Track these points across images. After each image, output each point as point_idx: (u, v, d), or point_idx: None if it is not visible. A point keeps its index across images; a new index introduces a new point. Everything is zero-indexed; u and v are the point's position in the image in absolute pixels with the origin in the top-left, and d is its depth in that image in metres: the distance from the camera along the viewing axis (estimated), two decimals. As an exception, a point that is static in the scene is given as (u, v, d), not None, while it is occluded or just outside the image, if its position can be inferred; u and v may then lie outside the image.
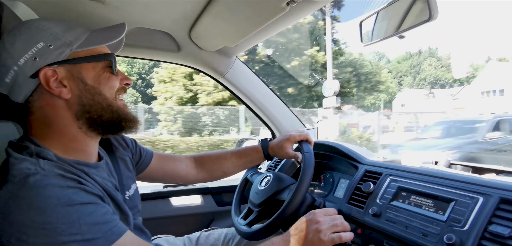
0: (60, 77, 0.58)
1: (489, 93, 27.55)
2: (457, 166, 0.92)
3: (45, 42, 0.57)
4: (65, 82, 0.59)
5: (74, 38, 0.60)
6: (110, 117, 0.64)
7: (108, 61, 0.64)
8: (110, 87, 0.64)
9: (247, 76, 1.41)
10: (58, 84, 0.58)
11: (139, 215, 0.82)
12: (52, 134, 0.60)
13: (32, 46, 0.57)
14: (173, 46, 1.22)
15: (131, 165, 0.84)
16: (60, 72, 0.58)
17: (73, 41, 0.60)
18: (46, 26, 0.59)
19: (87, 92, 0.61)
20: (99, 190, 0.58)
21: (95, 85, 0.62)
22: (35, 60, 0.57)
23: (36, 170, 0.51)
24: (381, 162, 0.97)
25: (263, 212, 0.92)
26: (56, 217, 0.48)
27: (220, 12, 0.92)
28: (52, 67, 0.58)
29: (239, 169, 1.06)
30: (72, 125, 0.61)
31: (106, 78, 0.63)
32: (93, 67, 0.62)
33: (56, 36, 0.58)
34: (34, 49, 0.57)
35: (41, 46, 0.57)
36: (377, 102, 36.16)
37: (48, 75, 0.57)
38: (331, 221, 0.73)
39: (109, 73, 0.64)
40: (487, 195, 0.63)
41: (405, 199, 0.77)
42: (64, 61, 0.59)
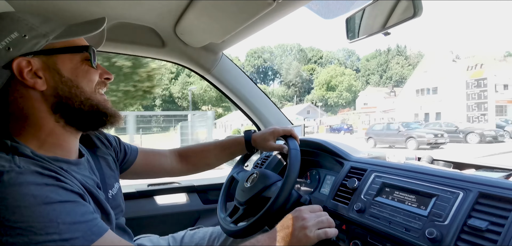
0: (35, 68, 0.56)
1: (423, 91, 27.89)
2: (439, 162, 0.94)
3: (20, 33, 0.55)
4: (40, 73, 0.57)
5: (51, 29, 0.58)
6: (89, 111, 0.62)
7: (86, 54, 0.62)
8: (89, 81, 0.62)
9: (233, 73, 1.40)
10: (33, 76, 0.56)
11: (122, 215, 0.80)
12: (28, 128, 0.58)
13: (6, 36, 0.55)
14: (157, 41, 1.19)
15: (113, 164, 0.82)
16: (35, 63, 0.56)
17: (49, 32, 0.58)
18: (21, 17, 0.57)
19: (64, 85, 0.59)
20: (79, 188, 0.56)
21: (72, 78, 0.60)
22: (8, 51, 0.54)
23: (10, 167, 0.49)
24: (366, 158, 0.98)
25: (249, 210, 0.91)
26: (32, 216, 0.46)
27: (206, 8, 0.90)
28: (26, 58, 0.56)
29: (222, 161, 1.07)
30: (48, 118, 0.59)
31: (84, 71, 0.62)
32: (70, 59, 0.60)
33: (31, 27, 0.56)
34: (8, 40, 0.55)
35: (15, 37, 0.55)
36: (340, 101, 36.39)
37: (22, 65, 0.55)
38: (316, 217, 0.73)
39: (88, 66, 0.62)
40: (467, 190, 0.65)
41: (388, 194, 0.78)
42: (39, 52, 0.57)
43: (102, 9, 0.95)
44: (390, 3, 0.71)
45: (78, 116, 0.61)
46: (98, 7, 0.93)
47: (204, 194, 1.48)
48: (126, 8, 0.96)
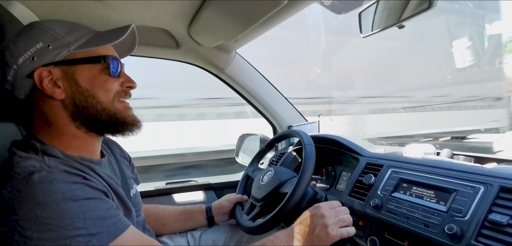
0: (55, 78, 0.59)
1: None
2: (459, 156, 0.92)
3: (45, 43, 0.58)
4: (60, 83, 0.59)
5: (74, 39, 0.60)
6: (106, 120, 0.63)
7: (105, 64, 0.63)
8: (106, 91, 0.63)
9: (247, 71, 1.41)
10: (52, 85, 0.59)
11: (141, 213, 0.83)
12: (53, 132, 0.61)
13: (32, 46, 0.57)
14: (172, 43, 1.22)
15: (130, 171, 0.85)
16: (55, 73, 0.59)
17: (72, 42, 0.60)
18: (49, 27, 0.59)
19: (80, 94, 0.61)
20: (103, 186, 0.59)
21: (88, 88, 0.61)
22: (32, 60, 0.57)
23: (41, 167, 0.52)
24: (382, 154, 0.96)
25: (266, 206, 0.92)
26: (61, 212, 0.49)
27: (218, 8, 0.91)
28: (47, 68, 0.58)
29: (181, 227, 1.03)
30: (70, 124, 0.62)
31: (102, 81, 0.63)
32: (89, 69, 0.62)
33: (56, 37, 0.59)
34: (33, 49, 0.57)
35: (40, 47, 0.58)
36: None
37: (42, 75, 0.58)
38: (337, 214, 0.72)
39: (106, 76, 0.63)
40: (488, 184, 0.63)
41: (406, 190, 0.77)
42: (60, 62, 0.59)
43: (119, 13, 0.98)
44: None
45: (96, 124, 0.63)
46: (115, 12, 0.96)
47: (220, 191, 1.50)
48: (141, 11, 0.98)
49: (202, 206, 1.05)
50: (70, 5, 0.90)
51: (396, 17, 0.75)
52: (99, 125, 0.63)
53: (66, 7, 0.91)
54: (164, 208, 1.02)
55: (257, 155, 1.18)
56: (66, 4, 0.90)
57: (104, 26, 1.03)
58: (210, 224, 1.05)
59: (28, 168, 0.51)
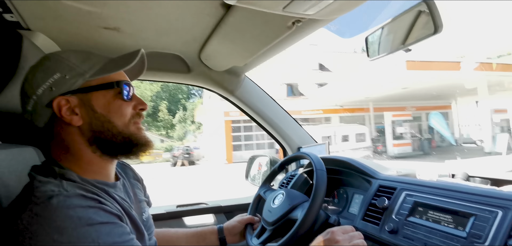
0: (72, 106, 0.61)
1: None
2: (475, 179, 0.89)
3: (61, 73, 0.61)
4: (77, 110, 0.62)
5: (89, 68, 0.63)
6: (121, 143, 0.65)
7: (118, 89, 0.66)
8: (121, 115, 0.65)
9: (256, 93, 1.43)
10: (71, 113, 0.61)
11: (153, 236, 0.83)
12: (70, 157, 0.63)
13: (50, 77, 0.60)
14: (183, 67, 1.26)
15: (143, 194, 0.86)
16: (73, 101, 0.62)
17: (86, 71, 0.63)
18: (65, 57, 0.62)
19: (97, 120, 0.63)
20: (117, 210, 0.60)
21: (104, 113, 0.64)
22: (51, 90, 0.60)
23: (59, 191, 0.53)
24: (395, 176, 0.94)
25: (277, 231, 0.90)
26: (77, 236, 0.50)
27: (228, 33, 0.95)
28: (65, 97, 0.61)
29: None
30: (86, 149, 0.64)
31: (117, 106, 0.65)
32: (104, 95, 0.64)
33: (72, 67, 0.62)
34: (51, 80, 0.60)
35: (57, 77, 0.61)
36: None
37: (61, 104, 0.61)
38: (350, 240, 0.70)
39: (120, 101, 0.66)
40: (506, 208, 0.60)
41: (422, 214, 0.74)
42: (77, 90, 0.62)
43: (134, 41, 1.02)
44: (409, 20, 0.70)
45: (111, 147, 0.65)
46: (131, 40, 1.01)
47: (231, 214, 1.49)
48: (155, 38, 1.03)
49: (214, 227, 1.05)
50: (88, 34, 0.95)
51: (401, 41, 0.75)
52: (114, 148, 0.65)
53: (85, 36, 0.96)
54: (176, 231, 1.02)
55: (269, 176, 1.17)
56: (86, 34, 0.95)
57: (120, 52, 1.07)
58: (222, 245, 1.03)
59: (47, 193, 0.53)
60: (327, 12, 0.73)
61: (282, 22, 0.79)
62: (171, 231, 1.01)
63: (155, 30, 0.97)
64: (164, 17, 0.88)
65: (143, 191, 0.87)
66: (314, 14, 0.73)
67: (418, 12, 0.66)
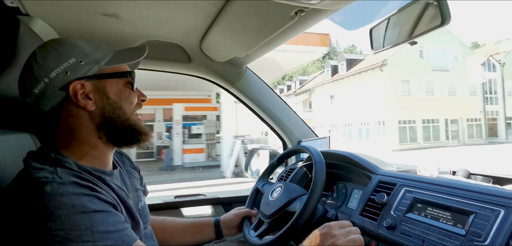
0: (87, 91, 0.63)
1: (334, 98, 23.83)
2: (476, 176, 0.88)
3: (77, 59, 0.62)
4: (91, 95, 0.63)
5: (102, 56, 0.65)
6: (127, 130, 0.68)
7: (129, 78, 0.69)
8: (130, 103, 0.69)
9: (257, 85, 1.42)
10: (85, 97, 0.63)
11: (149, 225, 0.83)
12: (74, 142, 0.63)
13: (65, 61, 0.61)
14: (184, 57, 1.24)
15: (139, 183, 0.87)
16: (88, 86, 0.63)
17: (101, 59, 0.65)
18: (78, 44, 0.64)
19: (109, 106, 0.65)
20: (113, 198, 0.60)
21: (117, 100, 0.66)
22: (66, 74, 0.61)
23: (53, 178, 0.53)
24: (395, 172, 0.94)
25: (274, 224, 0.90)
26: (70, 223, 0.50)
27: (230, 23, 0.93)
28: (81, 81, 0.62)
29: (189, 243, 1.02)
30: (93, 134, 0.65)
31: (127, 94, 0.69)
32: (116, 83, 0.67)
33: (86, 54, 0.63)
34: (66, 64, 0.61)
35: (72, 62, 0.62)
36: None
37: (76, 88, 0.62)
38: (347, 235, 0.70)
39: (130, 90, 0.69)
40: (508, 207, 0.59)
41: (421, 211, 0.74)
42: (92, 77, 0.64)
43: (133, 28, 1.01)
44: (416, 12, 0.68)
45: (118, 133, 0.67)
46: (130, 27, 0.99)
47: (229, 206, 1.49)
48: (155, 27, 1.01)
49: (211, 219, 1.05)
50: (88, 20, 0.94)
51: (408, 34, 0.74)
52: (120, 134, 0.67)
53: (84, 22, 0.95)
54: (173, 220, 1.03)
55: (267, 169, 1.17)
56: (85, 20, 0.93)
57: (119, 40, 1.07)
58: (218, 237, 1.04)
59: (41, 180, 0.53)
60: (331, 2, 0.71)
61: (285, 12, 0.78)
62: (168, 220, 1.01)
63: (155, 18, 0.95)
64: (165, 5, 0.86)
65: (139, 180, 0.87)
66: (317, 3, 0.71)
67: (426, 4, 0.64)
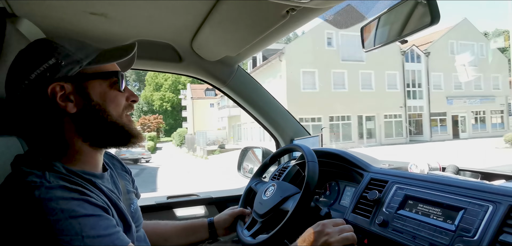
0: (67, 93, 0.60)
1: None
2: (465, 172, 0.90)
3: (57, 59, 0.59)
4: (72, 97, 0.61)
5: (84, 56, 0.62)
6: (114, 134, 0.65)
7: (115, 79, 0.66)
8: (116, 105, 0.65)
9: (249, 84, 1.41)
10: (65, 99, 0.60)
11: (141, 228, 0.82)
12: (59, 145, 0.61)
13: (44, 62, 0.59)
14: (174, 57, 1.23)
15: (131, 185, 0.85)
16: (68, 87, 0.60)
17: (83, 59, 0.62)
18: (59, 44, 0.61)
19: (92, 109, 0.62)
20: (103, 202, 0.59)
21: (100, 102, 0.63)
22: (45, 76, 0.58)
23: (41, 182, 0.52)
24: (387, 169, 0.95)
25: (268, 223, 0.90)
26: (59, 228, 0.49)
27: (221, 22, 0.92)
28: (60, 83, 0.59)
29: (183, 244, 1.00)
30: (77, 138, 0.62)
31: (113, 95, 0.65)
32: (100, 84, 0.64)
33: (67, 54, 0.60)
34: (46, 65, 0.59)
35: (52, 63, 0.59)
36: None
37: (55, 90, 0.59)
38: (340, 232, 0.71)
39: (116, 91, 0.66)
40: (497, 203, 0.61)
41: (412, 207, 0.75)
42: (73, 78, 0.61)
43: (123, 28, 0.99)
44: (406, 11, 0.69)
45: (103, 137, 0.64)
46: (119, 27, 0.98)
47: (222, 206, 1.48)
48: (145, 26, 1.00)
49: (205, 220, 1.04)
50: (76, 20, 0.91)
51: (398, 32, 0.74)
52: (106, 138, 0.64)
53: (73, 22, 0.93)
54: (166, 223, 1.01)
55: (260, 168, 1.17)
56: (73, 19, 0.91)
57: (108, 40, 1.04)
58: (213, 238, 1.03)
59: (29, 184, 0.52)
60: (322, 1, 0.71)
61: (276, 11, 0.77)
62: (161, 224, 1.00)
63: (145, 17, 0.93)
64: (154, 4, 0.85)
65: (131, 183, 0.86)
66: (308, 2, 0.71)
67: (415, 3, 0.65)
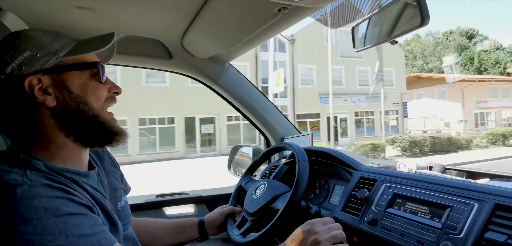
0: (45, 85, 0.58)
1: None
2: (451, 171, 0.92)
3: (32, 51, 0.57)
4: (50, 90, 0.58)
5: (61, 47, 0.60)
6: (96, 129, 0.63)
7: (95, 70, 0.63)
8: (97, 97, 0.63)
9: (240, 82, 1.40)
10: (43, 93, 0.58)
11: (130, 226, 0.81)
12: (40, 142, 0.59)
13: (19, 55, 0.57)
14: (164, 53, 1.21)
15: (120, 181, 0.83)
16: (45, 80, 0.58)
17: (59, 50, 0.59)
18: (34, 35, 0.59)
19: (72, 101, 0.60)
20: (88, 200, 0.57)
21: (80, 94, 0.61)
22: (21, 69, 0.56)
23: (23, 181, 0.50)
24: (376, 168, 0.96)
25: (258, 221, 0.90)
26: (43, 227, 0.48)
27: (212, 19, 0.91)
28: (37, 76, 0.57)
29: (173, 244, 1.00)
30: (58, 132, 0.60)
31: (93, 87, 0.63)
32: (79, 75, 0.62)
33: (43, 45, 0.58)
34: (21, 58, 0.56)
35: (27, 55, 0.57)
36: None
37: (32, 83, 0.57)
38: (329, 231, 0.72)
39: (97, 82, 0.64)
40: (482, 201, 0.62)
41: (400, 206, 0.76)
42: (50, 70, 0.58)
43: (111, 23, 0.97)
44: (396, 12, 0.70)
45: (86, 132, 0.62)
46: (107, 22, 0.95)
47: (212, 204, 1.47)
48: (134, 22, 0.98)
49: (195, 219, 1.03)
50: (61, 14, 0.89)
51: (387, 33, 0.75)
52: (88, 133, 0.63)
53: (58, 16, 0.90)
54: (156, 221, 1.00)
55: (251, 166, 1.17)
56: (58, 14, 0.88)
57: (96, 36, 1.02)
58: (203, 237, 1.02)
59: (10, 182, 0.50)
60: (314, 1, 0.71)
61: (268, 9, 0.77)
62: (151, 221, 0.99)
63: (134, 12, 0.92)
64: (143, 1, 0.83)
65: (119, 179, 0.84)
66: (300, 1, 0.71)
67: (405, 4, 0.66)
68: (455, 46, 40.95)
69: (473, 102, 22.16)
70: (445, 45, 42.14)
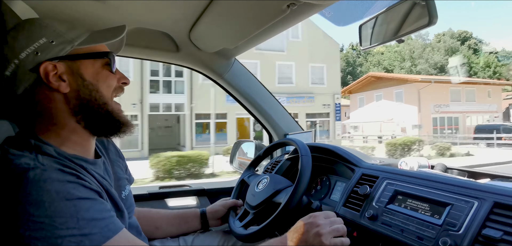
0: (59, 72, 0.60)
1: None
2: (453, 171, 0.93)
3: (48, 38, 0.59)
4: (64, 77, 0.61)
5: (76, 36, 0.62)
6: (105, 117, 0.65)
7: (107, 59, 0.66)
8: (108, 86, 0.66)
9: (245, 78, 1.42)
10: (57, 79, 0.60)
11: (134, 215, 0.82)
12: (51, 127, 0.61)
13: (35, 41, 0.59)
14: (172, 46, 1.22)
15: (124, 171, 0.85)
16: (60, 67, 0.60)
17: (74, 39, 0.62)
18: (49, 24, 0.61)
19: (85, 88, 0.62)
20: (97, 186, 0.59)
21: (93, 82, 0.63)
22: (36, 55, 0.58)
23: (35, 165, 0.52)
24: (378, 165, 0.97)
25: (259, 214, 0.91)
26: (54, 210, 0.49)
27: (221, 14, 0.92)
28: (52, 62, 0.59)
29: (175, 230, 1.01)
30: (70, 118, 0.62)
31: (104, 76, 0.65)
32: (92, 64, 0.64)
33: (58, 34, 0.60)
34: (36, 44, 0.58)
35: (43, 42, 0.59)
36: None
37: (48, 69, 0.59)
38: (331, 224, 0.73)
39: (108, 71, 0.66)
40: (482, 199, 0.64)
41: (401, 202, 0.77)
42: (65, 57, 0.61)
43: (120, 15, 0.98)
44: (403, 11, 0.70)
45: (96, 119, 0.64)
46: (117, 14, 0.97)
47: (214, 197, 1.49)
48: (143, 14, 0.99)
49: (197, 210, 1.05)
50: (72, 4, 0.90)
51: (394, 32, 0.76)
52: (98, 121, 0.65)
53: (68, 6, 0.91)
54: (158, 211, 1.02)
55: (254, 161, 1.18)
56: (68, 4, 0.90)
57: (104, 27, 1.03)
58: (205, 228, 1.04)
59: (22, 166, 0.51)
60: None
61: (277, 5, 0.78)
62: (153, 211, 1.00)
63: (144, 5, 0.93)
64: None
65: (124, 169, 0.86)
66: None
67: (413, 3, 0.67)
68: (445, 49, 40.67)
69: (432, 105, 19.96)
70: (434, 47, 41.71)
